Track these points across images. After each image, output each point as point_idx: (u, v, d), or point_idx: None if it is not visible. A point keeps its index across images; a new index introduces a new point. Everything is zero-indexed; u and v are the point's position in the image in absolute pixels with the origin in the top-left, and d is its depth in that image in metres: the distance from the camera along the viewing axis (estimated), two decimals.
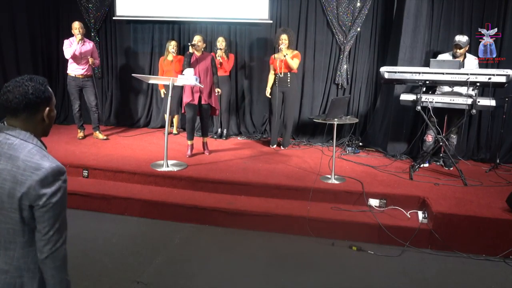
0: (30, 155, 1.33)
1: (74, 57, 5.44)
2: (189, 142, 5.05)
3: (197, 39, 4.81)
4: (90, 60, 5.56)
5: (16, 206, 1.31)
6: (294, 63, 5.28)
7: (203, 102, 4.88)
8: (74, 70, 5.53)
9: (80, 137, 5.72)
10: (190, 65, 4.76)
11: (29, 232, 1.36)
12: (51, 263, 1.37)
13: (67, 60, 5.58)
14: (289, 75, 5.35)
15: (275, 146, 5.65)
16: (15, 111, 1.36)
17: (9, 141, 1.35)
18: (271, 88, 5.49)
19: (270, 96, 5.51)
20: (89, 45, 5.61)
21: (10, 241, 1.36)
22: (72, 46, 5.43)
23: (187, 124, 5.04)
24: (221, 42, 5.70)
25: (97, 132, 5.79)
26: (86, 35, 5.75)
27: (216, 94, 5.13)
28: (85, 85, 5.62)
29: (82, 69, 5.55)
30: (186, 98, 4.84)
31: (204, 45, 4.94)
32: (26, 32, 6.40)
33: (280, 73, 5.33)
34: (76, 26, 5.45)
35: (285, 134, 5.62)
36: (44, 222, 1.33)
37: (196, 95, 4.83)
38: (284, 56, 5.18)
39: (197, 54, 4.84)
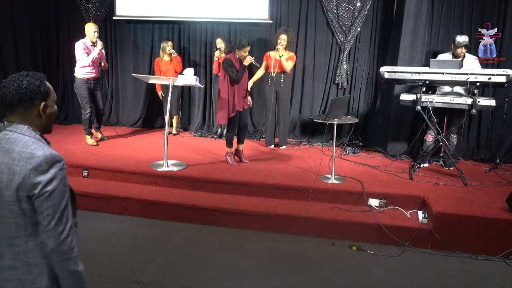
0: (25, 146, 1.34)
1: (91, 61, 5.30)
2: (231, 150, 4.79)
3: (248, 49, 4.49)
4: (105, 65, 5.50)
5: (14, 198, 1.32)
6: (288, 65, 5.25)
7: (245, 107, 4.71)
8: (86, 73, 5.30)
9: (93, 144, 5.43)
10: (237, 71, 4.45)
11: (32, 225, 1.36)
12: (57, 256, 1.35)
13: (73, 62, 5.40)
14: (282, 75, 5.35)
15: (272, 146, 5.65)
16: (11, 106, 1.38)
17: (7, 136, 1.37)
18: (265, 88, 5.48)
19: (249, 90, 5.28)
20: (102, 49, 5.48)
21: (14, 236, 1.36)
22: (92, 52, 5.24)
23: (233, 132, 4.72)
24: (219, 44, 5.70)
25: (97, 132, 5.77)
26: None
27: (249, 104, 4.88)
28: (96, 87, 5.48)
29: (94, 72, 5.38)
30: (233, 108, 4.49)
31: None
32: (26, 32, 6.40)
33: (273, 73, 5.33)
34: (94, 29, 5.25)
35: (281, 133, 5.62)
36: (43, 212, 1.32)
37: (242, 101, 4.60)
38: (280, 56, 5.17)
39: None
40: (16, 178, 1.31)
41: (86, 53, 5.26)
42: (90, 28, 5.29)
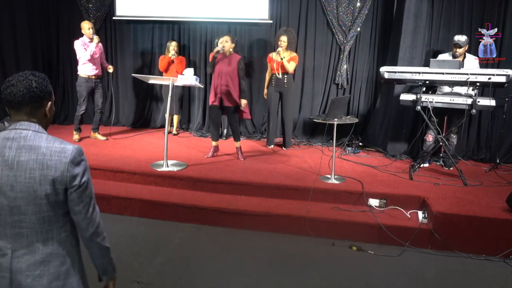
0: (50, 142, 1.38)
1: (90, 57, 5.40)
2: (213, 144, 5.02)
3: (223, 39, 4.74)
4: (111, 68, 5.61)
5: (50, 191, 1.34)
6: (290, 67, 5.25)
7: (225, 104, 4.75)
8: (88, 71, 5.41)
9: (76, 140, 5.62)
10: (215, 65, 4.73)
11: (63, 216, 1.42)
12: (97, 238, 1.49)
13: (73, 63, 5.50)
14: (285, 76, 5.35)
15: (272, 146, 5.64)
16: (19, 104, 1.38)
17: (23, 134, 1.37)
18: (268, 88, 5.50)
19: (266, 98, 5.50)
20: (99, 44, 5.57)
21: (47, 230, 1.38)
22: (90, 47, 5.36)
23: (211, 125, 5.08)
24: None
25: (96, 133, 5.78)
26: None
27: (242, 106, 4.76)
28: (97, 87, 5.55)
29: (96, 69, 5.48)
30: (210, 100, 4.85)
31: (233, 45, 4.78)
32: (26, 32, 6.39)
33: (278, 74, 5.33)
34: (89, 25, 5.39)
35: (286, 134, 5.61)
36: (83, 201, 1.40)
37: (218, 97, 4.76)
38: (281, 59, 5.17)
39: (226, 54, 4.72)
40: (52, 172, 1.34)
41: (85, 49, 5.38)
42: (85, 26, 5.43)
